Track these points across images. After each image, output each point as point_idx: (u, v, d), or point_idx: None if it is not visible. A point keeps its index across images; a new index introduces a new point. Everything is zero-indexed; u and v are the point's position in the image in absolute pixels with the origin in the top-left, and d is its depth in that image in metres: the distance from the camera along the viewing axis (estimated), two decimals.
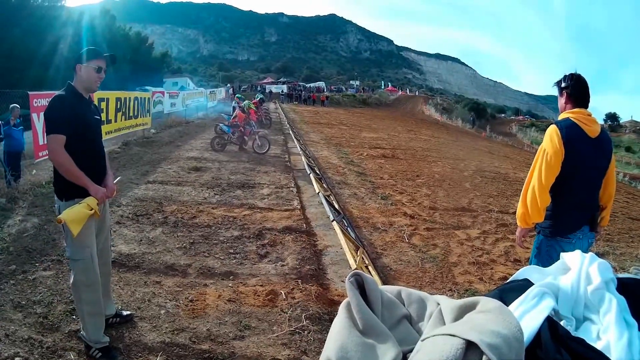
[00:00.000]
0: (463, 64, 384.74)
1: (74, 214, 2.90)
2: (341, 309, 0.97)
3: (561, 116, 3.00)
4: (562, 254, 1.33)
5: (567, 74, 3.02)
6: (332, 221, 5.83)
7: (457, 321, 0.89)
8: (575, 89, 2.97)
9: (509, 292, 1.22)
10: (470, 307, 0.92)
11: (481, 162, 17.03)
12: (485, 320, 0.83)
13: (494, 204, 9.50)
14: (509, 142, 41.22)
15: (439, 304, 1.03)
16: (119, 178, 3.51)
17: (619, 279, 1.24)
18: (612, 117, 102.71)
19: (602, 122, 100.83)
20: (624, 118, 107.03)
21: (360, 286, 1.00)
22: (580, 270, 1.20)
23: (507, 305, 1.05)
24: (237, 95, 21.94)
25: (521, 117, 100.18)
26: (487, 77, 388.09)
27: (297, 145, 14.99)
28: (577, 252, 1.29)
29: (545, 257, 2.99)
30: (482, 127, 50.65)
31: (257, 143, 13.18)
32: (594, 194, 3.06)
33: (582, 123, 2.86)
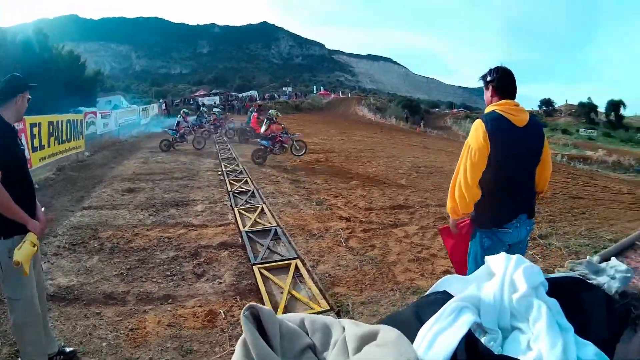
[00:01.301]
0: (395, 63, 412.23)
1: (25, 253, 3.07)
2: (237, 345, 0.99)
3: (487, 109, 3.32)
4: (487, 258, 1.36)
5: (493, 67, 3.38)
6: (253, 265, 6.10)
7: (355, 356, 0.96)
8: (501, 81, 3.30)
9: (425, 307, 1.25)
10: (371, 337, 1.00)
11: (416, 157, 18.46)
12: (382, 355, 0.92)
13: (431, 198, 10.54)
14: (444, 135, 44.62)
15: (344, 329, 1.09)
16: (43, 209, 3.69)
17: (550, 279, 1.32)
18: (546, 103, 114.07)
19: (537, 108, 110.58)
20: (559, 103, 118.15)
21: (257, 318, 1.03)
22: (503, 277, 1.22)
23: (424, 323, 1.14)
24: (183, 110, 23.91)
25: (455, 110, 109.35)
26: (420, 75, 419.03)
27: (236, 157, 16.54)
28: (502, 255, 1.32)
29: (483, 250, 3.30)
30: (417, 123, 54.76)
31: (295, 147, 16.50)
32: (529, 182, 3.40)
33: (509, 114, 3.17)
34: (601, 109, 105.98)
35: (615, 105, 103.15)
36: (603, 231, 10.59)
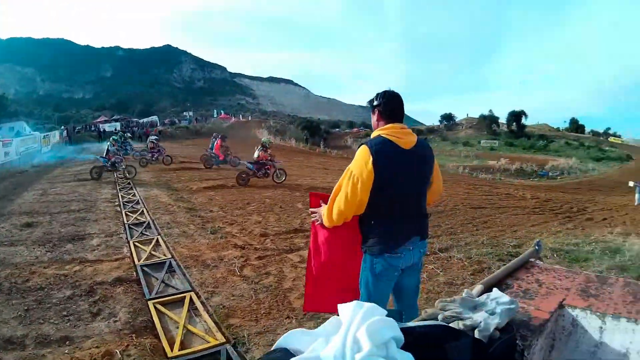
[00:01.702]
0: (296, 84, 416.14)
1: None
2: None
3: (373, 134, 3.36)
4: (339, 306, 1.23)
5: (379, 92, 3.41)
6: (148, 300, 6.09)
7: None
8: (386, 106, 3.34)
9: None
10: None
11: (314, 179, 19.10)
12: None
13: None
14: (345, 155, 45.74)
15: None
16: None
17: (408, 330, 1.25)
18: (447, 118, 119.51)
19: (439, 123, 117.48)
20: (460, 116, 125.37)
21: None
22: (346, 334, 1.10)
23: None
24: (112, 137, 24.21)
25: (356, 129, 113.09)
26: (321, 95, 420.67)
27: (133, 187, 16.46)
28: (351, 305, 1.19)
29: (375, 276, 3.32)
30: (317, 144, 56.99)
31: (277, 174, 18.48)
32: (419, 204, 3.41)
33: (395, 137, 3.20)
34: (502, 119, 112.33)
35: (516, 116, 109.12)
36: (506, 238, 11.20)
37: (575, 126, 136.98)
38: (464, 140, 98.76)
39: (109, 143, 21.31)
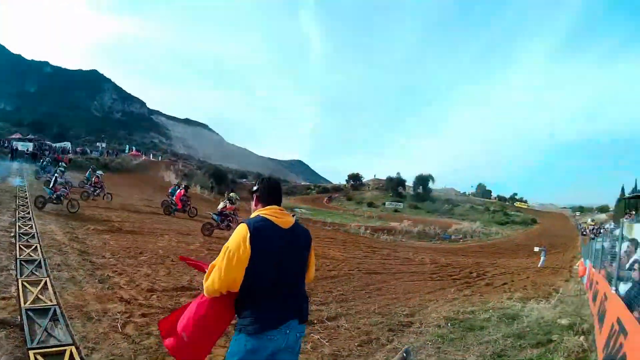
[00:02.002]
0: (211, 130, 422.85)
1: None
2: None
3: (252, 215, 3.46)
4: None
5: (259, 179, 3.73)
6: (29, 350, 5.57)
7: None
8: (264, 192, 3.54)
9: None
10: None
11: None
12: None
13: None
14: (247, 207, 44.88)
15: None
16: None
17: None
18: (354, 177, 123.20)
19: (345, 182, 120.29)
20: (367, 177, 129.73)
21: None
22: None
23: None
24: (59, 168, 21.75)
25: None
26: (233, 144, 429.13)
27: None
28: None
29: (245, 353, 3.24)
30: (222, 193, 55.93)
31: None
32: (297, 285, 3.48)
33: (274, 217, 3.32)
34: (409, 182, 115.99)
35: (423, 179, 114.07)
36: (399, 307, 10.97)
37: (482, 191, 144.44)
38: (368, 201, 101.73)
39: (56, 174, 20.37)
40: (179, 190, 25.88)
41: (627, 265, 7.78)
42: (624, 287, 7.19)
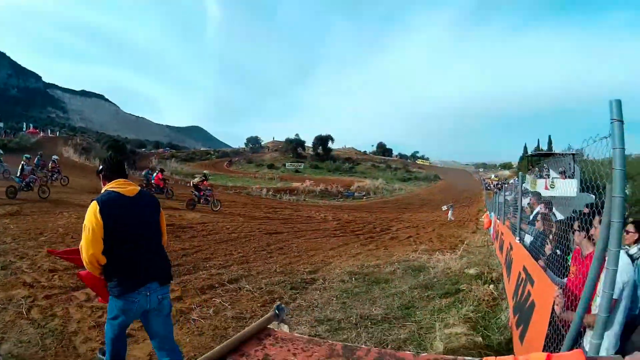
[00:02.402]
0: (107, 100, 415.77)
1: None
2: None
3: (102, 190, 3.82)
4: None
5: (101, 160, 4.12)
6: None
7: None
8: (108, 170, 3.95)
9: None
10: None
11: None
12: None
13: None
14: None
15: None
16: None
17: None
18: (253, 140, 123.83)
19: (244, 146, 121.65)
20: (266, 140, 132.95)
21: None
22: None
23: None
24: (24, 155, 22.29)
25: (161, 150, 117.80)
26: (130, 113, 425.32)
27: None
28: None
29: (113, 317, 3.73)
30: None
31: (214, 203, 22.33)
32: (154, 249, 3.85)
33: (119, 188, 3.75)
34: (309, 143, 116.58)
35: (322, 140, 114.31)
36: (302, 264, 10.99)
37: (383, 150, 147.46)
38: (269, 163, 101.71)
39: (23, 162, 20.48)
40: (156, 174, 27.29)
41: (531, 217, 7.94)
42: (528, 238, 7.31)
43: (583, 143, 2.67)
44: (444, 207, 33.48)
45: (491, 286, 8.39)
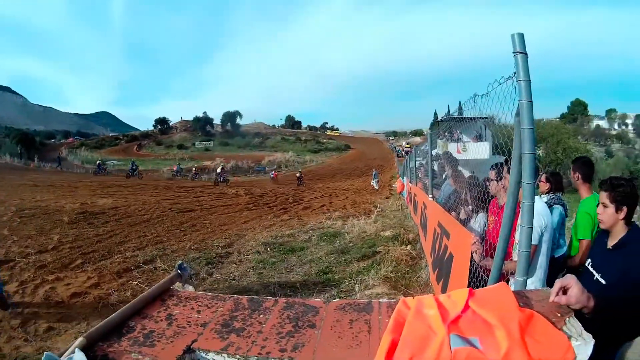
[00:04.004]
0: (14, 92, 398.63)
1: None
2: None
3: None
4: None
5: None
6: None
7: None
8: None
9: None
10: None
11: (23, 199, 17.20)
12: None
13: (33, 245, 9.76)
14: (59, 168, 45.40)
15: None
16: None
17: None
18: (161, 122, 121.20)
19: (153, 128, 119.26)
20: (174, 120, 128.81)
21: None
22: None
23: None
24: None
25: (71, 139, 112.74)
26: (39, 104, 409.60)
27: None
28: None
29: None
30: (32, 158, 54.36)
31: (226, 181, 34.54)
32: None
33: None
34: (217, 121, 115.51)
35: (231, 116, 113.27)
36: (216, 240, 10.84)
37: (292, 122, 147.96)
38: (178, 143, 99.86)
39: None
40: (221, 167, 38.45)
41: (444, 176, 8.04)
42: (442, 196, 7.40)
43: (488, 87, 2.61)
44: (373, 182, 33.56)
45: (409, 246, 8.50)
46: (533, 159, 2.15)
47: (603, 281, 2.79)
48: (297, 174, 39.33)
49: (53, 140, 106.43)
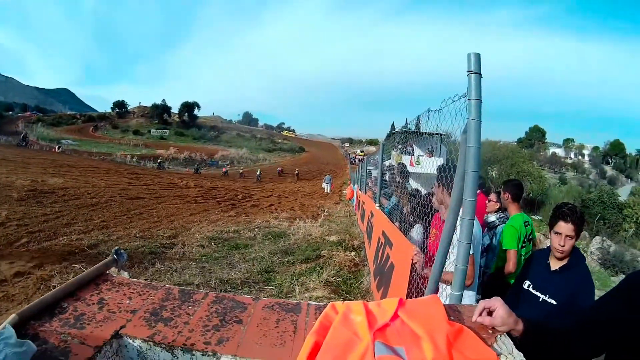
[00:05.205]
0: None
1: None
2: None
3: None
4: None
5: None
6: None
7: None
8: None
9: None
10: None
11: None
12: None
13: None
14: (14, 142, 44.67)
15: None
16: None
17: None
18: (119, 105, 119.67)
19: (111, 110, 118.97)
20: (133, 104, 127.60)
21: None
22: None
23: None
24: None
25: (28, 113, 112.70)
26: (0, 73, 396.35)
27: None
28: None
29: None
30: None
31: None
32: None
33: None
34: (175, 110, 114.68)
35: (189, 107, 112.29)
36: (161, 229, 10.79)
37: (249, 119, 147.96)
38: (134, 129, 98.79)
39: None
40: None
41: (394, 187, 8.11)
42: (389, 206, 7.47)
43: (442, 103, 2.64)
44: (324, 185, 33.59)
45: (353, 253, 8.54)
46: (476, 177, 2.18)
47: (553, 301, 2.96)
48: (258, 172, 40.79)
49: (11, 113, 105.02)
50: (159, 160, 42.67)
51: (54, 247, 8.04)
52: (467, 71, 2.23)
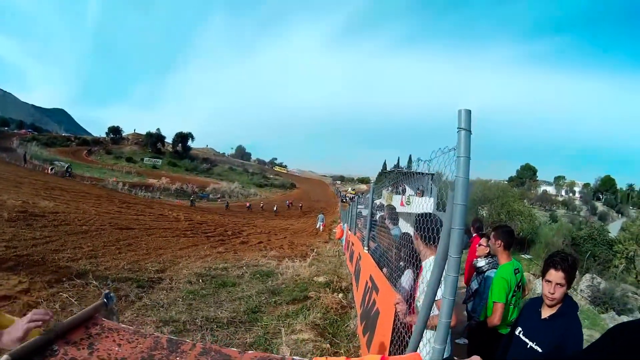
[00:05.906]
0: None
1: None
2: None
3: None
4: None
5: None
6: None
7: None
8: None
9: None
10: None
11: None
12: None
13: None
14: (7, 158, 45.19)
15: None
16: None
17: None
18: (114, 131, 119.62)
19: (105, 135, 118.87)
20: (128, 130, 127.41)
21: None
22: None
23: None
24: None
25: (23, 130, 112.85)
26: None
27: None
28: None
29: None
30: None
31: None
32: None
33: None
34: (169, 139, 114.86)
35: (183, 137, 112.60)
36: (149, 262, 10.73)
37: (241, 153, 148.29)
38: (128, 156, 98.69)
39: None
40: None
41: (378, 234, 8.13)
42: (377, 249, 7.50)
43: (432, 154, 2.70)
44: (318, 224, 33.56)
45: (340, 295, 8.53)
46: (462, 233, 2.23)
47: (539, 349, 2.98)
48: (247, 204, 40.75)
49: (6, 129, 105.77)
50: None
51: (42, 273, 8.01)
52: (458, 128, 2.29)
